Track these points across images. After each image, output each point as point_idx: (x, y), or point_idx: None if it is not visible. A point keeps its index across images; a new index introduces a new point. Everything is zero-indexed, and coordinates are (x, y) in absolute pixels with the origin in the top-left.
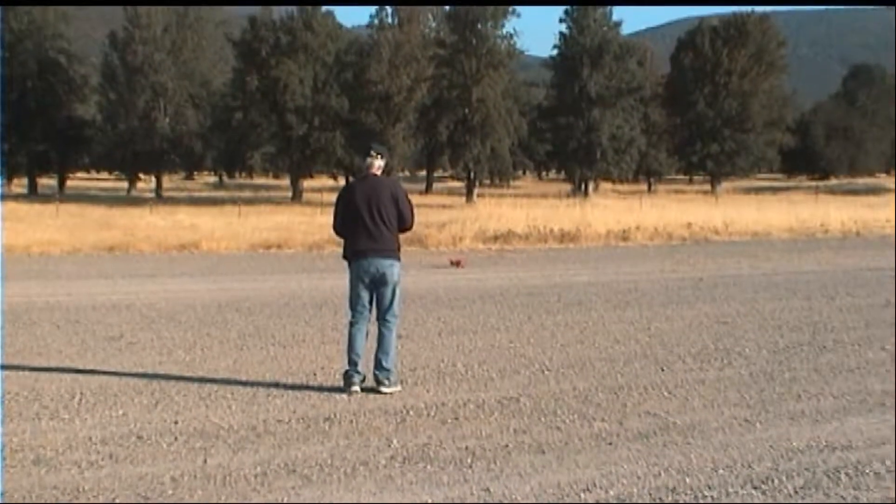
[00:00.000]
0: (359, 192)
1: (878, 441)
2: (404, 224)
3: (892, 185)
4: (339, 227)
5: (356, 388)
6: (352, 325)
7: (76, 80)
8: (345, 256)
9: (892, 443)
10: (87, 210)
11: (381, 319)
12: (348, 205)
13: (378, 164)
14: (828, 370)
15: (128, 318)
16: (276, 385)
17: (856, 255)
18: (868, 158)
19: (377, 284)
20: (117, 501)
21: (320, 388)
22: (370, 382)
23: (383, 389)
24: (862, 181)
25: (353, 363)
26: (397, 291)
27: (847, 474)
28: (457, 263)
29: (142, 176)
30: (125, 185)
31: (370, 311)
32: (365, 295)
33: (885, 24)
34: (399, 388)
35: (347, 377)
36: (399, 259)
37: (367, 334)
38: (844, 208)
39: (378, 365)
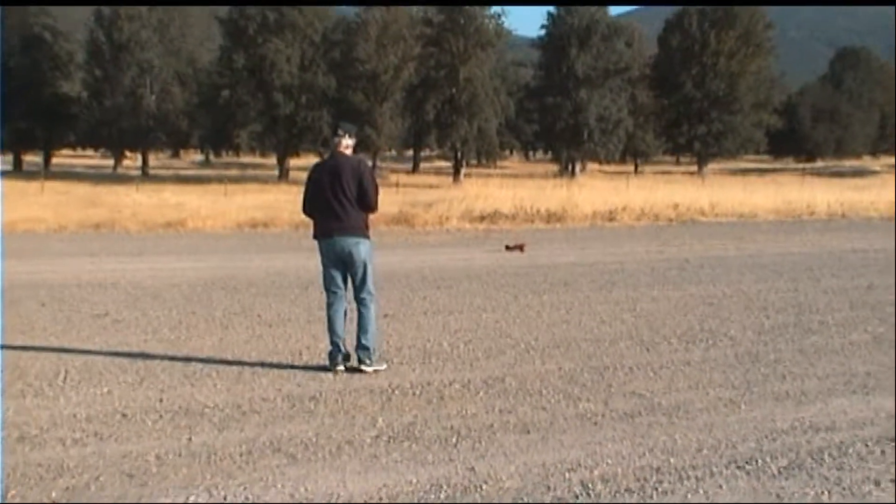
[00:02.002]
0: (325, 171)
1: (861, 422)
2: (366, 204)
3: (877, 168)
4: (307, 207)
5: (340, 367)
6: (328, 306)
7: (61, 57)
8: (315, 236)
9: (876, 424)
10: (73, 187)
11: (357, 298)
12: (315, 184)
13: (346, 142)
14: (812, 352)
15: (113, 296)
16: (262, 364)
17: (841, 237)
18: (854, 141)
19: (346, 264)
20: (101, 479)
21: (306, 367)
22: (355, 362)
23: (364, 368)
24: (848, 163)
25: (334, 344)
26: (368, 269)
27: (831, 455)
28: (519, 248)
29: (128, 153)
30: (111, 162)
31: (345, 289)
32: (336, 274)
33: (873, 7)
34: (384, 366)
35: (331, 357)
36: (367, 237)
37: (346, 313)
38: (830, 190)
39: (358, 344)
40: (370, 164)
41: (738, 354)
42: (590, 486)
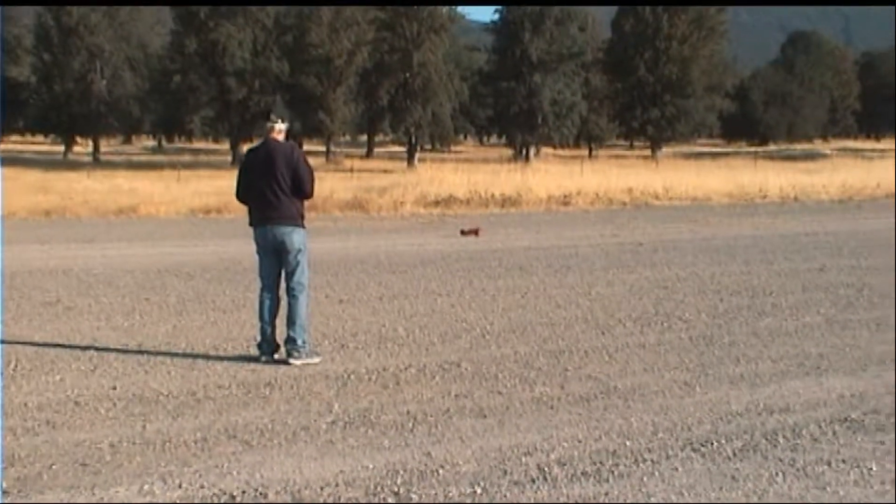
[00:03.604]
0: (257, 158)
1: (814, 403)
2: (301, 190)
3: (828, 151)
4: (240, 195)
5: (265, 357)
6: (260, 291)
7: (9, 41)
8: (250, 224)
9: (829, 405)
10: (22, 174)
11: (288, 288)
12: (248, 171)
13: (279, 127)
14: (766, 334)
15: (65, 283)
16: (216, 350)
17: (793, 220)
18: (805, 124)
19: (279, 252)
20: (54, 468)
21: (264, 361)
22: (284, 354)
23: (293, 362)
24: (799, 147)
25: (262, 332)
26: (301, 259)
27: (784, 436)
28: (474, 232)
29: (78, 139)
30: (61, 148)
31: (278, 277)
32: (269, 262)
33: None
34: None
35: (259, 347)
36: (302, 226)
37: (278, 302)
38: (782, 174)
39: (287, 337)
40: (304, 147)
41: (692, 337)
42: (546, 469)
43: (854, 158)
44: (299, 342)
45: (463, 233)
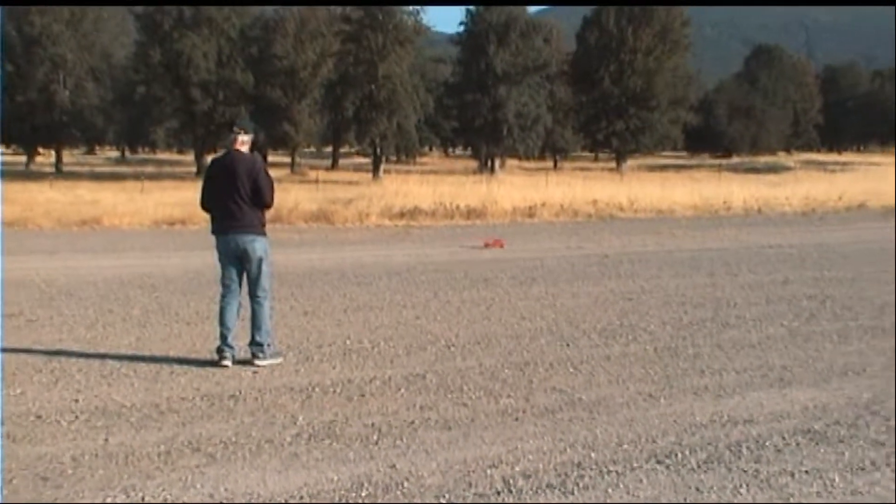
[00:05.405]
0: (220, 168)
1: (778, 415)
2: (261, 201)
3: (791, 164)
4: (204, 203)
5: (227, 362)
6: (221, 298)
7: None
8: (212, 232)
9: (792, 416)
10: None
11: (252, 295)
12: (211, 181)
13: (242, 139)
14: (730, 346)
15: (26, 295)
16: (180, 362)
17: (757, 232)
18: (769, 137)
19: (242, 261)
20: (14, 482)
21: (224, 366)
22: (248, 356)
23: (257, 363)
24: (763, 160)
25: (222, 337)
26: (264, 267)
27: (748, 448)
28: (497, 244)
29: (41, 150)
30: (23, 159)
31: (239, 285)
32: (230, 271)
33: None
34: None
35: (219, 351)
36: (263, 234)
37: (238, 308)
38: (746, 186)
39: (252, 340)
40: (266, 160)
41: (657, 349)
42: (511, 482)
43: (817, 171)
44: (264, 345)
45: (486, 245)
